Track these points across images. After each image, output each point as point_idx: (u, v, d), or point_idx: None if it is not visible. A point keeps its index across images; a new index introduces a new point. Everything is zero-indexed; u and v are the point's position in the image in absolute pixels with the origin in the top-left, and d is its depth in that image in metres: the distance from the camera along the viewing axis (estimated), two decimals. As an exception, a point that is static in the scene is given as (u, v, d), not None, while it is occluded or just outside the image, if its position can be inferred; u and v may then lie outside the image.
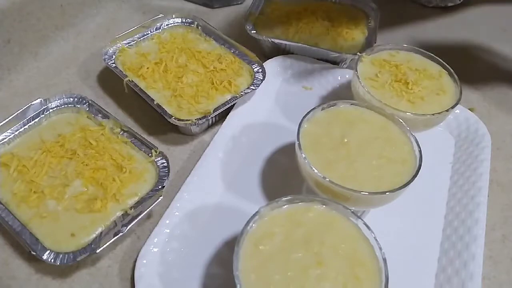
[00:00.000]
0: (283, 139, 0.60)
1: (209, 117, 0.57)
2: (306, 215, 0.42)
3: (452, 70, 0.58)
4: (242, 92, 0.60)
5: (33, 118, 0.56)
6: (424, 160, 0.47)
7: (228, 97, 0.60)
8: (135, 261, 0.47)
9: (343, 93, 0.59)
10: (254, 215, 0.41)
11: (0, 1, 0.61)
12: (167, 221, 0.49)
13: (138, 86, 0.60)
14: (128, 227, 0.47)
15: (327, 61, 0.67)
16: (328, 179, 0.44)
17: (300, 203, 0.43)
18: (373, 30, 0.72)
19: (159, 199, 0.49)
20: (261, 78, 0.62)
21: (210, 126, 0.62)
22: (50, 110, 0.57)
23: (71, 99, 0.58)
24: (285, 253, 0.39)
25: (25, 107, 0.55)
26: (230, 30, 0.77)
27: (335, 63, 0.68)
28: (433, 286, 0.48)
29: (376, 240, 0.40)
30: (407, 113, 0.52)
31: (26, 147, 0.53)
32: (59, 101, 0.57)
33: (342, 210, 0.42)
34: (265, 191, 0.55)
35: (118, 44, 0.65)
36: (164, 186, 0.50)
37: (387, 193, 0.44)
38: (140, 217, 0.48)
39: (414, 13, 0.87)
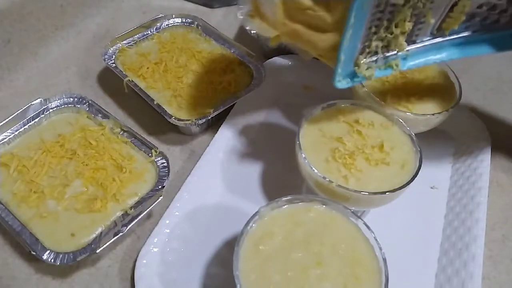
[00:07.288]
0: (283, 139, 0.59)
1: (209, 117, 0.57)
2: (306, 215, 0.42)
3: (452, 70, 0.58)
4: (242, 92, 0.60)
5: (33, 118, 0.56)
6: (424, 160, 0.47)
7: (228, 97, 0.60)
8: (135, 261, 0.47)
9: (343, 93, 0.59)
10: (254, 215, 0.41)
11: (0, 1, 0.61)
12: (167, 221, 0.49)
13: (138, 86, 0.60)
14: (128, 227, 0.47)
15: (327, 61, 0.67)
16: (328, 179, 0.44)
17: (300, 203, 0.43)
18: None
19: (159, 199, 0.49)
20: (261, 78, 0.62)
21: (210, 126, 0.62)
22: (50, 110, 0.57)
23: (71, 99, 0.58)
24: (285, 253, 0.39)
25: (25, 107, 0.55)
26: (230, 30, 0.77)
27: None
28: (433, 286, 0.48)
29: (376, 240, 0.40)
30: (407, 113, 0.52)
31: (26, 147, 0.53)
32: (59, 101, 0.57)
33: (342, 210, 0.42)
34: (265, 191, 0.55)
35: (118, 44, 0.65)
36: (164, 186, 0.50)
37: (387, 193, 0.44)
38: (140, 217, 0.48)
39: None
